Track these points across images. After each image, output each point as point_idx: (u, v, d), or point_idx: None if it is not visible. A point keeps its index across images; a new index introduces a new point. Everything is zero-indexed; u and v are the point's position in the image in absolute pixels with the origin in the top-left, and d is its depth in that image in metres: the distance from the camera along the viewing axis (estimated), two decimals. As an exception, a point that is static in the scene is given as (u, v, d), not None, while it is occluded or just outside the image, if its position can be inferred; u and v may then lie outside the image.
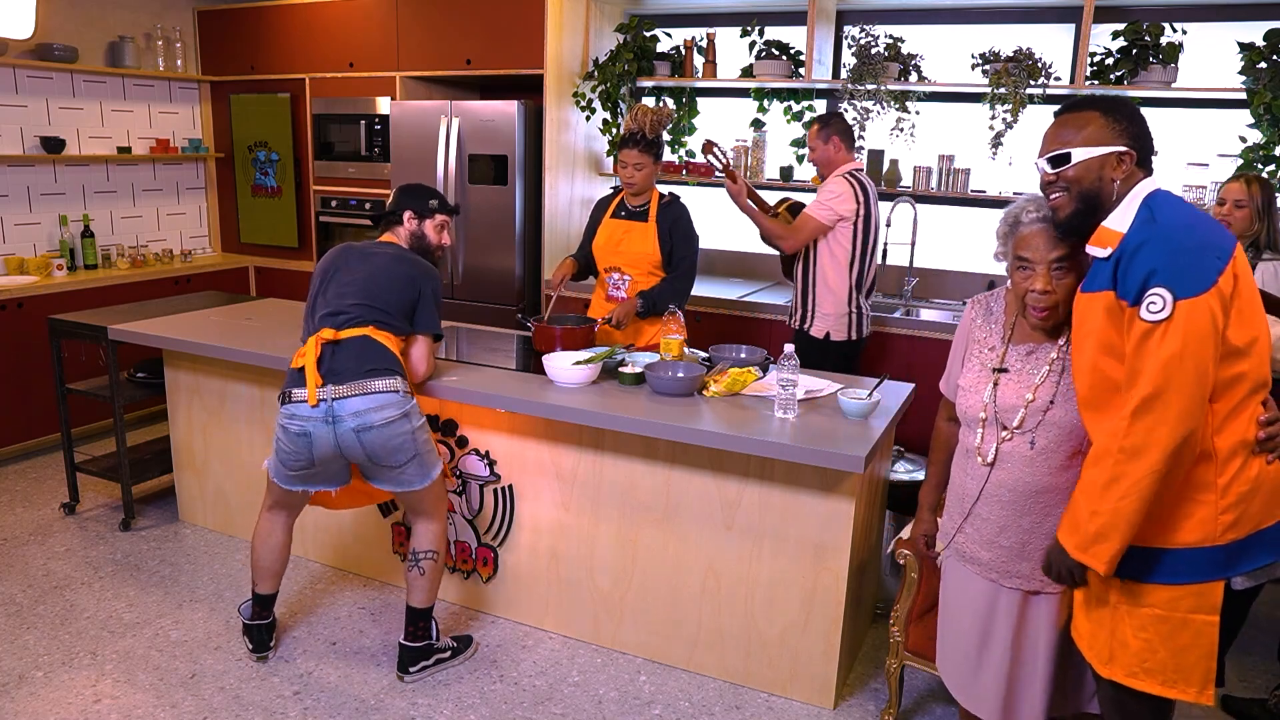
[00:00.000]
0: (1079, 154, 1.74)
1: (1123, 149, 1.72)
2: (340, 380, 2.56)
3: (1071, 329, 1.83)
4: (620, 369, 2.92)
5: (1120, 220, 1.71)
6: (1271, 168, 3.56)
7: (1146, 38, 3.72)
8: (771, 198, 3.82)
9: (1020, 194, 1.99)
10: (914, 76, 4.16)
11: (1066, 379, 1.87)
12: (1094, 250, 1.74)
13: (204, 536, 3.74)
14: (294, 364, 2.65)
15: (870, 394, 2.66)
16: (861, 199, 3.46)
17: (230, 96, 5.57)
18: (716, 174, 3.13)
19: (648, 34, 4.68)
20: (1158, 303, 1.58)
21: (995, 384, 1.94)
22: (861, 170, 3.57)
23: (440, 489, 2.79)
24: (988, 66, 3.93)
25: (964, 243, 4.42)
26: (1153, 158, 1.79)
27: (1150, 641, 1.72)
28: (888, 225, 4.25)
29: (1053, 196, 1.79)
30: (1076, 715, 2.04)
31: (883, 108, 4.13)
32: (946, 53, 4.26)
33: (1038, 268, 1.83)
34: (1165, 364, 1.58)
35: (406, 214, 2.86)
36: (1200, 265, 1.59)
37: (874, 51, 4.08)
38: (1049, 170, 1.78)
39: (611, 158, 4.92)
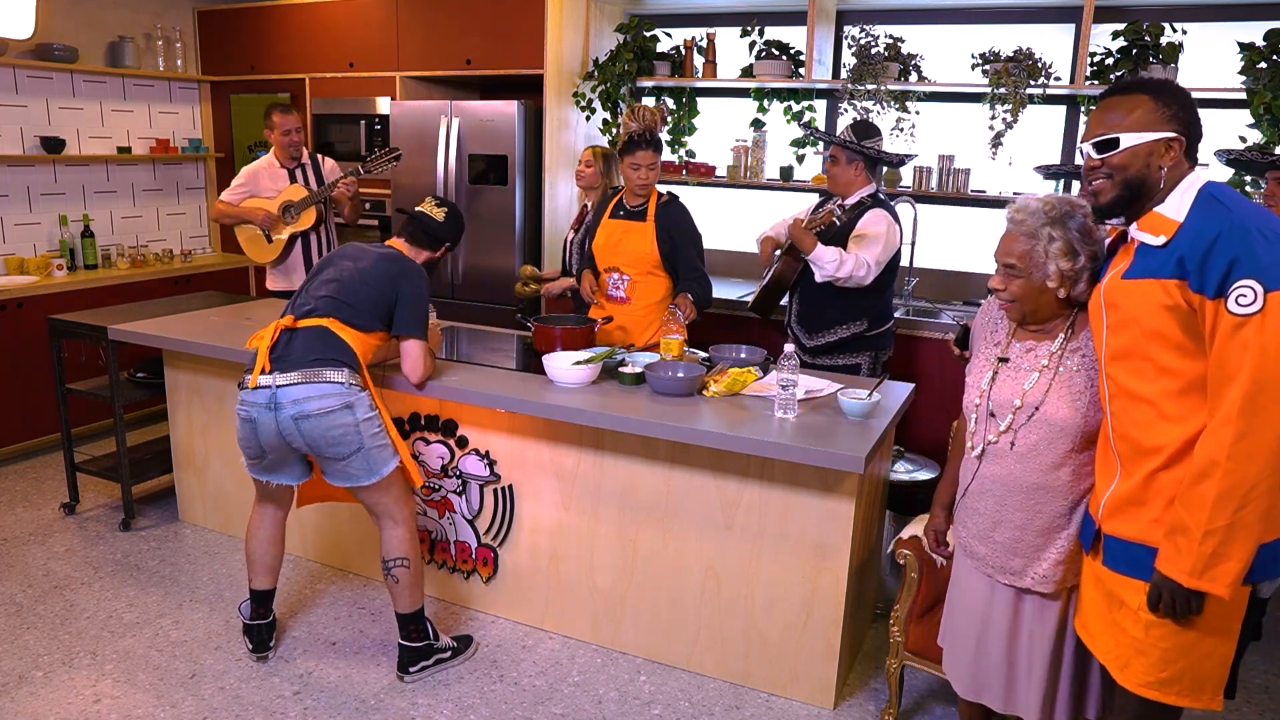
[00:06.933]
0: (1127, 139, 1.68)
1: (1171, 135, 1.66)
2: (286, 368, 2.57)
3: (1095, 316, 1.79)
4: (620, 369, 2.92)
5: (1175, 208, 1.65)
6: (1271, 168, 3.56)
7: (1146, 38, 3.72)
8: (772, 197, 3.82)
9: (1019, 194, 1.99)
10: (914, 76, 4.16)
11: (1060, 377, 1.88)
12: (1143, 236, 1.68)
13: (204, 536, 3.74)
14: (248, 344, 2.70)
15: (870, 394, 2.66)
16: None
17: (230, 96, 5.57)
18: None
19: (648, 34, 4.67)
20: (1248, 295, 1.51)
21: (995, 374, 1.96)
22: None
23: (397, 490, 2.71)
24: (988, 66, 3.93)
25: (964, 243, 4.42)
26: (1199, 146, 1.71)
27: (1169, 652, 1.65)
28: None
29: (1095, 182, 1.73)
30: None
31: (883, 108, 4.13)
32: (946, 53, 4.25)
33: (997, 266, 1.91)
34: (1264, 356, 1.50)
35: (443, 247, 2.93)
36: None
37: (874, 51, 4.08)
38: (1094, 155, 1.72)
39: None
